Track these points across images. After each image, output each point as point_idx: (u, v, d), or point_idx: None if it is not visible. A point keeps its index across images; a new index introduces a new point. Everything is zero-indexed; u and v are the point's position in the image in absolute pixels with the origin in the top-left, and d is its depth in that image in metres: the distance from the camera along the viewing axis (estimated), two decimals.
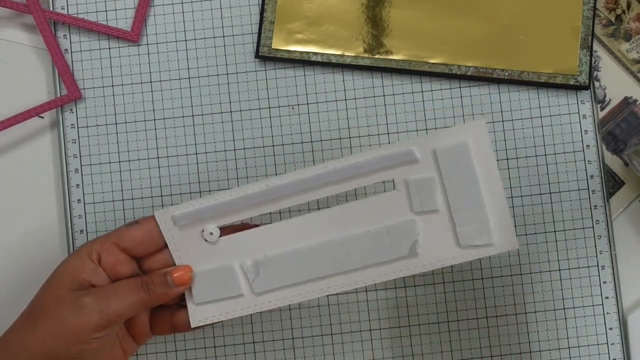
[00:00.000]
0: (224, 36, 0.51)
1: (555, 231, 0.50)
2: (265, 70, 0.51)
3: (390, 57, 0.50)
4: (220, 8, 0.51)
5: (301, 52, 0.50)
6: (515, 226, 0.49)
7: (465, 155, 0.39)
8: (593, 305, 0.49)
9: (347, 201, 0.41)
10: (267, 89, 0.51)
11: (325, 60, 0.50)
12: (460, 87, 0.50)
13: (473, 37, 0.50)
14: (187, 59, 0.51)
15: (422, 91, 0.51)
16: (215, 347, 0.49)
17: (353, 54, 0.50)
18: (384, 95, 0.50)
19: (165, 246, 0.41)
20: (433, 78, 0.50)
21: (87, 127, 0.51)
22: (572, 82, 0.49)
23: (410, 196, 0.39)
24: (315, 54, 0.50)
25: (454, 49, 0.50)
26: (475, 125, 0.38)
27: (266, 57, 0.50)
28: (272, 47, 0.50)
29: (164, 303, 0.41)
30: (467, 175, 0.39)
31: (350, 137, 0.50)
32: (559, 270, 0.50)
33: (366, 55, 0.50)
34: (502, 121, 0.50)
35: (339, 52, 0.50)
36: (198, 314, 0.41)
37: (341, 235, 0.40)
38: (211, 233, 0.41)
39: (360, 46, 0.50)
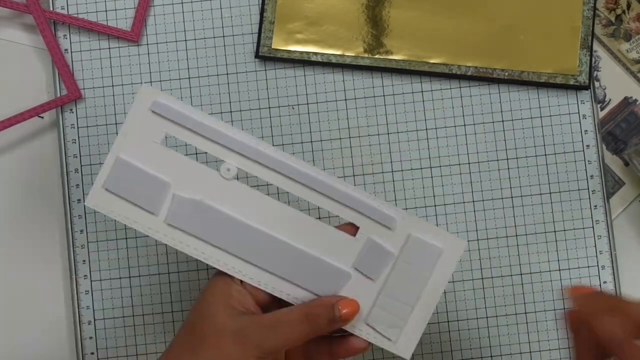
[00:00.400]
0: (224, 36, 0.51)
1: (555, 231, 0.50)
2: (265, 70, 0.51)
3: (390, 57, 0.50)
4: (220, 8, 0.51)
5: (301, 52, 0.50)
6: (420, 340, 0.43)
7: (432, 259, 0.39)
8: None
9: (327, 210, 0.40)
10: (267, 89, 0.51)
11: (325, 60, 0.50)
12: (460, 87, 0.50)
13: (473, 37, 0.50)
14: (187, 59, 0.51)
15: (422, 91, 0.51)
16: None
17: (353, 54, 0.50)
18: (384, 95, 0.50)
19: None
20: (433, 78, 0.50)
21: (87, 127, 0.51)
22: (572, 82, 0.49)
23: (362, 253, 0.39)
24: (315, 54, 0.50)
25: (454, 49, 0.50)
26: (457, 243, 0.39)
27: (266, 57, 0.50)
28: (272, 47, 0.50)
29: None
30: (420, 276, 0.39)
31: (350, 137, 0.50)
32: (559, 270, 0.50)
33: (366, 55, 0.50)
34: (502, 121, 0.50)
35: (339, 52, 0.50)
36: (100, 199, 0.39)
37: (283, 236, 0.39)
38: (228, 169, 0.39)
39: (360, 46, 0.50)
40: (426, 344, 0.49)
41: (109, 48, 0.51)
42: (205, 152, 0.39)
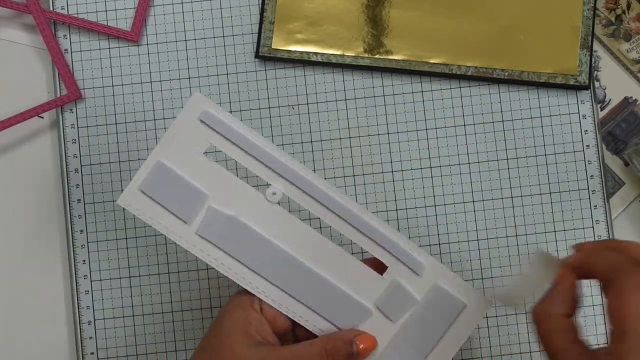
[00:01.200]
0: (224, 36, 0.51)
1: (555, 231, 0.50)
2: (265, 70, 0.51)
3: (390, 57, 0.50)
4: (220, 8, 0.51)
5: (301, 52, 0.50)
6: None
7: (454, 312, 0.39)
8: (593, 305, 0.49)
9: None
10: (267, 89, 0.51)
11: (325, 60, 0.50)
12: (460, 87, 0.50)
13: (473, 37, 0.50)
14: (187, 59, 0.51)
15: (422, 91, 0.51)
16: None
17: (353, 54, 0.50)
18: (384, 95, 0.50)
19: None
20: (433, 78, 0.50)
21: (87, 127, 0.51)
22: (572, 82, 0.49)
23: (386, 293, 0.39)
24: (315, 54, 0.50)
25: (454, 49, 0.50)
26: (483, 302, 0.39)
27: (266, 57, 0.50)
28: (272, 47, 0.50)
29: None
30: (439, 327, 0.39)
31: (350, 137, 0.50)
32: None
33: (366, 55, 0.50)
34: (502, 121, 0.50)
35: (339, 52, 0.50)
36: (133, 200, 0.38)
37: (312, 264, 0.39)
38: (274, 193, 0.39)
39: (360, 46, 0.50)
40: None
41: (109, 48, 0.51)
42: (247, 170, 0.39)
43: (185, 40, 0.51)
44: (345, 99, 0.51)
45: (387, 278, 0.39)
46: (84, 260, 0.50)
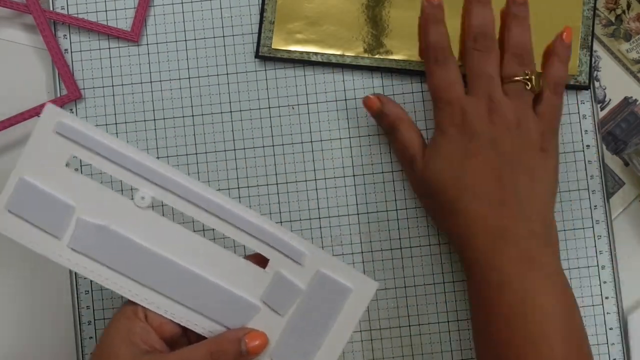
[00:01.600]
0: (224, 36, 0.51)
1: None
2: (265, 70, 0.51)
3: (390, 57, 0.50)
4: (220, 8, 0.51)
5: (301, 52, 0.50)
6: None
7: (341, 298, 0.38)
8: (593, 305, 0.49)
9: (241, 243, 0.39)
10: (267, 89, 0.51)
11: (325, 60, 0.50)
12: None
13: None
14: (187, 59, 0.51)
15: (422, 91, 0.51)
16: None
17: (353, 54, 0.50)
18: None
19: None
20: None
21: None
22: (572, 82, 0.49)
23: (271, 286, 0.38)
24: (315, 54, 0.50)
25: (454, 49, 0.50)
26: (369, 284, 0.38)
27: (266, 57, 0.50)
28: (272, 47, 0.50)
29: None
30: (327, 315, 0.38)
31: (350, 137, 0.50)
32: None
33: (366, 55, 0.50)
34: None
35: (339, 52, 0.50)
36: (2, 221, 0.38)
37: (194, 267, 0.38)
38: (143, 198, 0.38)
39: (360, 46, 0.50)
40: (426, 344, 0.49)
41: (109, 48, 0.51)
42: (114, 178, 0.38)
43: (185, 40, 0.51)
44: (345, 99, 0.51)
45: (269, 271, 0.38)
46: None
